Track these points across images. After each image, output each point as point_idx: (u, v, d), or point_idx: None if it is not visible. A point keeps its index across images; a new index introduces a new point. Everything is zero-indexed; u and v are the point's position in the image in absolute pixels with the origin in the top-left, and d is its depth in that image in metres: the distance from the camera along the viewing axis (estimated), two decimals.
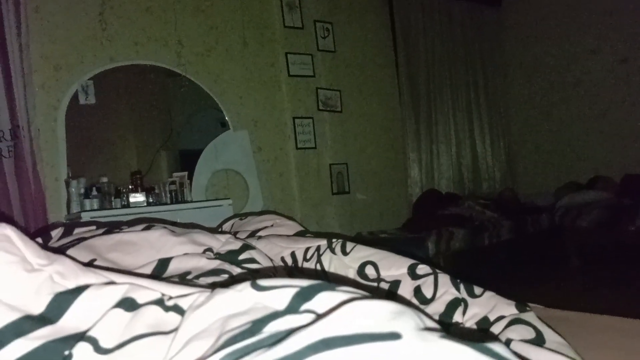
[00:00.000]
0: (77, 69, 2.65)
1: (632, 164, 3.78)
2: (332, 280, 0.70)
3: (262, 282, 0.51)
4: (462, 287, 0.93)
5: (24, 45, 2.45)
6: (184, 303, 0.56)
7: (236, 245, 0.99)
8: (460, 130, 4.56)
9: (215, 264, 0.86)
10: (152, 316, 0.55)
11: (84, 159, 2.77)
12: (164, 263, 0.85)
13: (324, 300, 0.46)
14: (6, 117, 2.45)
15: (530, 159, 4.75)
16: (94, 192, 2.57)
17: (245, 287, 0.51)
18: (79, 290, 0.55)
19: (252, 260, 0.94)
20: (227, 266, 0.87)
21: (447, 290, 0.92)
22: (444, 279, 0.93)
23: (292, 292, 0.48)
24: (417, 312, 0.42)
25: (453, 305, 0.90)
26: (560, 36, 4.36)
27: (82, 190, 2.57)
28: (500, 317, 0.86)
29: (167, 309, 0.56)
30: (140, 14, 2.85)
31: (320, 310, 0.45)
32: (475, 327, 0.87)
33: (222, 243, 0.99)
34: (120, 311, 0.53)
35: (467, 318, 0.88)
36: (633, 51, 3.90)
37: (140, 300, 0.56)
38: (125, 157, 2.97)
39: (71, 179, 2.58)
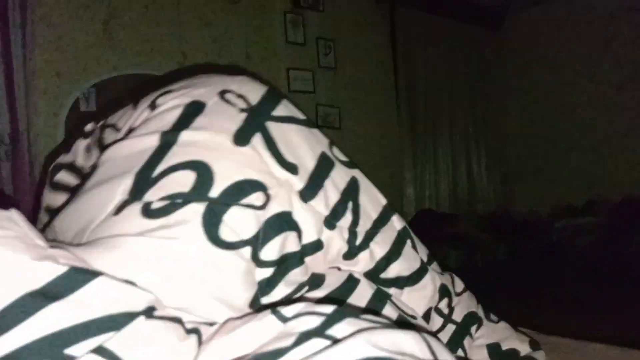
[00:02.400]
0: (80, 77, 2.67)
1: (627, 188, 3.81)
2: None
3: (286, 312, 0.52)
4: (480, 307, 0.94)
5: (28, 51, 2.47)
6: (204, 329, 0.55)
7: None
8: (456, 151, 4.60)
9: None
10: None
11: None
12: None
13: (346, 329, 0.48)
14: (6, 121, 2.46)
15: (526, 180, 4.78)
16: None
17: (266, 316, 0.51)
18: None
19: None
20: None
21: (467, 305, 0.92)
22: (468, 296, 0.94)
23: (319, 320, 0.49)
24: (430, 344, 0.45)
25: (471, 318, 0.91)
26: (557, 62, 4.42)
27: None
28: (513, 350, 0.88)
29: (187, 331, 0.53)
30: (145, 25, 2.88)
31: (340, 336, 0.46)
32: (485, 349, 0.88)
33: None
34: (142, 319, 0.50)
35: (479, 335, 0.89)
36: (628, 79, 3.96)
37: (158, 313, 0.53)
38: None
39: None
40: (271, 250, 0.64)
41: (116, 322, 0.47)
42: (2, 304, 0.44)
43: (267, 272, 0.63)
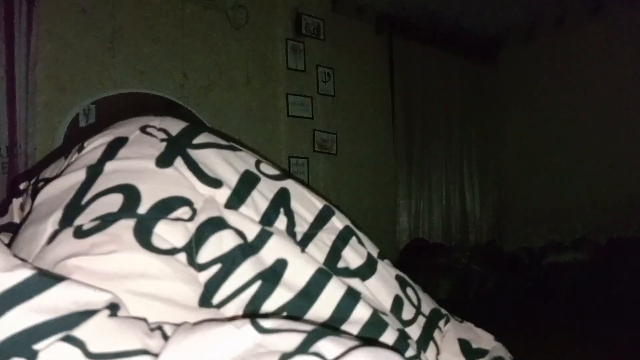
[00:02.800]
0: (81, 92, 2.69)
1: (618, 228, 3.83)
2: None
3: (265, 323, 0.51)
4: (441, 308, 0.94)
5: (31, 65, 2.49)
6: (168, 327, 0.55)
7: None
8: (451, 181, 4.62)
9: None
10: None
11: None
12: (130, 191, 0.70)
13: (330, 346, 0.48)
14: (5, 133, 2.47)
15: (519, 214, 4.79)
16: None
17: (244, 325, 0.50)
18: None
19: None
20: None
21: (430, 302, 0.92)
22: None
23: (300, 337, 0.49)
24: None
25: (437, 313, 0.90)
26: (551, 95, 4.48)
27: None
28: (482, 350, 0.87)
29: (152, 329, 0.54)
30: (148, 44, 2.92)
31: (328, 355, 0.46)
32: (457, 343, 0.87)
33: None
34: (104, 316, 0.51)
35: (448, 329, 0.89)
36: (623, 113, 4.00)
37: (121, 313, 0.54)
38: None
39: None
40: (208, 251, 0.65)
41: (81, 318, 0.49)
42: None
43: (212, 271, 0.64)
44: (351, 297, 0.71)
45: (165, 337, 0.52)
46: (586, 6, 4.12)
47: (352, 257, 0.80)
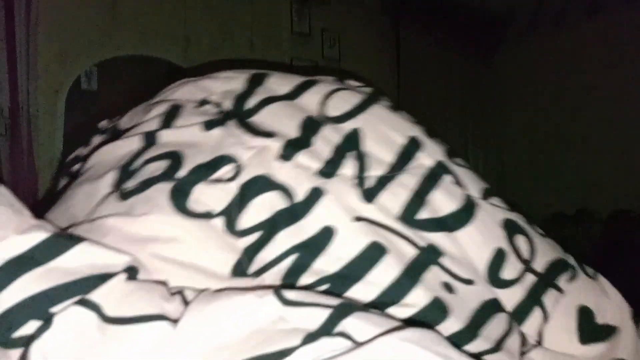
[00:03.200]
0: (83, 55, 2.66)
1: (620, 200, 3.82)
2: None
3: (289, 295, 0.48)
4: (570, 256, 0.75)
5: (32, 27, 2.46)
6: (189, 293, 0.53)
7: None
8: (455, 145, 4.57)
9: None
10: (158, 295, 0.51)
11: (80, 145, 2.76)
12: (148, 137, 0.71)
13: (358, 324, 0.44)
14: (6, 95, 2.45)
15: (520, 188, 4.77)
16: None
17: (267, 295, 0.48)
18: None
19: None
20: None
21: (553, 249, 0.73)
22: None
23: (324, 314, 0.45)
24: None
25: (558, 266, 0.70)
26: (551, 89, 4.42)
27: None
28: (609, 327, 0.67)
29: (172, 293, 0.53)
30: (151, 7, 2.86)
31: (356, 336, 0.43)
32: (575, 314, 0.67)
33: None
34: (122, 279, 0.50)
35: (570, 290, 0.69)
36: (625, 103, 3.96)
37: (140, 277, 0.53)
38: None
39: None
40: (249, 216, 0.62)
41: (98, 281, 0.48)
42: None
43: (252, 238, 0.61)
44: (408, 278, 0.59)
45: (186, 302, 0.51)
46: (585, 4, 4.02)
47: (442, 201, 0.66)
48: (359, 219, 0.62)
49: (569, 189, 4.31)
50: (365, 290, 0.58)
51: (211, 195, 0.63)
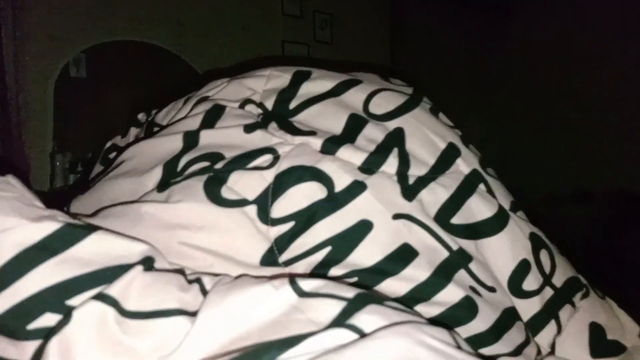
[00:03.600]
0: (72, 41, 2.60)
1: (620, 180, 3.83)
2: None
3: (304, 285, 0.48)
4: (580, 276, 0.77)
5: (18, 12, 2.40)
6: (207, 279, 0.52)
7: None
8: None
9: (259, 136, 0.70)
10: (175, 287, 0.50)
11: (71, 134, 2.72)
12: (190, 137, 0.70)
13: (370, 319, 0.44)
14: None
15: (520, 166, 4.77)
16: (80, 168, 2.53)
17: (283, 285, 0.48)
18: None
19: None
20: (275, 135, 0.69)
21: (568, 268, 0.75)
22: None
23: (339, 306, 0.45)
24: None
25: (575, 283, 0.72)
26: (560, 51, 4.40)
27: (67, 165, 2.53)
28: (618, 344, 0.69)
29: (189, 282, 0.52)
30: None
31: (366, 329, 0.43)
32: (587, 329, 0.69)
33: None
34: (140, 271, 0.49)
35: (583, 306, 0.71)
36: (632, 68, 3.95)
37: (157, 265, 0.52)
38: (114, 134, 2.94)
39: (57, 153, 2.54)
40: (284, 205, 0.61)
41: (114, 273, 0.48)
42: (3, 259, 0.45)
43: (285, 227, 0.60)
44: (441, 277, 0.59)
45: (203, 291, 0.50)
46: None
47: (479, 208, 0.68)
48: (398, 215, 0.62)
49: (565, 168, 4.33)
50: (396, 285, 0.58)
51: (246, 183, 0.62)
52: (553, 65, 4.47)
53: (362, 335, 0.42)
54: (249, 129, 0.70)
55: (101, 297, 0.45)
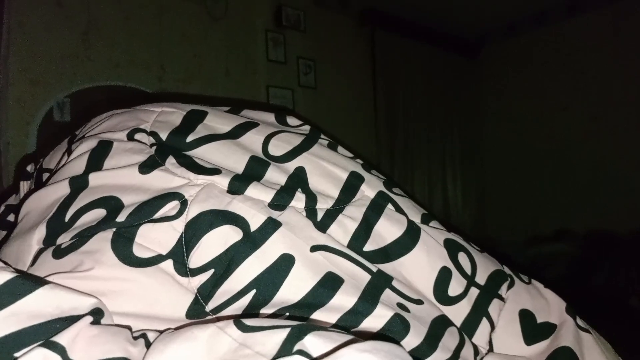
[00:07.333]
0: (56, 86, 2.63)
1: (597, 219, 3.88)
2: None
3: (248, 322, 0.48)
4: (505, 267, 0.78)
5: (2, 58, 2.43)
6: (151, 334, 0.52)
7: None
8: (433, 174, 4.63)
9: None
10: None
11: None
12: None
13: (315, 342, 0.44)
14: None
15: (501, 207, 4.83)
16: None
17: (228, 325, 0.47)
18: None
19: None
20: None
21: (491, 263, 0.76)
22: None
23: (283, 333, 0.45)
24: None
25: (498, 276, 0.72)
26: (534, 92, 4.52)
27: None
28: (549, 324, 0.70)
29: (135, 337, 0.51)
30: (124, 36, 2.85)
31: (314, 353, 0.43)
32: (518, 318, 0.70)
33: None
34: (87, 321, 0.49)
35: (510, 297, 0.72)
36: (602, 109, 4.05)
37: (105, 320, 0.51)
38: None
39: None
40: (200, 254, 0.58)
41: (64, 324, 0.47)
42: None
43: (205, 276, 0.58)
44: (366, 301, 0.59)
45: (148, 345, 0.49)
46: (564, 4, 4.15)
47: (388, 229, 0.68)
48: (315, 247, 0.61)
49: (548, 211, 4.36)
50: (325, 316, 0.57)
51: (156, 237, 0.59)
52: (525, 108, 4.59)
53: (312, 359, 0.42)
54: (144, 168, 0.65)
55: (48, 345, 0.44)
